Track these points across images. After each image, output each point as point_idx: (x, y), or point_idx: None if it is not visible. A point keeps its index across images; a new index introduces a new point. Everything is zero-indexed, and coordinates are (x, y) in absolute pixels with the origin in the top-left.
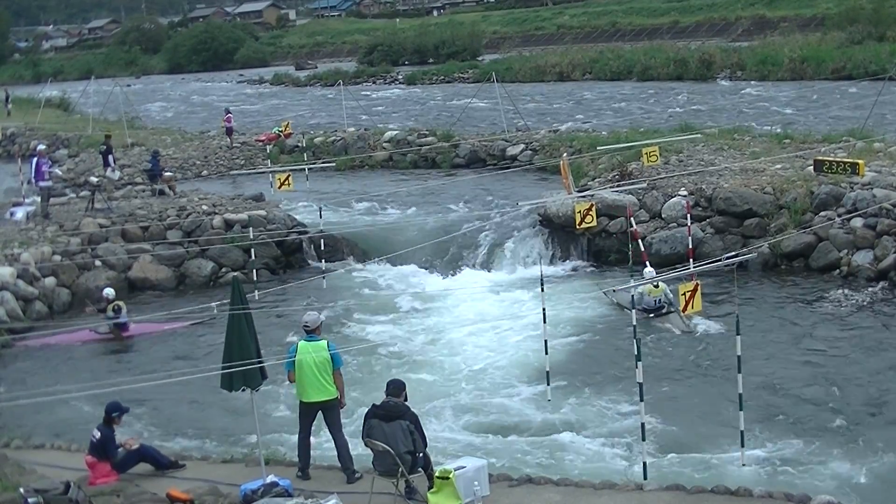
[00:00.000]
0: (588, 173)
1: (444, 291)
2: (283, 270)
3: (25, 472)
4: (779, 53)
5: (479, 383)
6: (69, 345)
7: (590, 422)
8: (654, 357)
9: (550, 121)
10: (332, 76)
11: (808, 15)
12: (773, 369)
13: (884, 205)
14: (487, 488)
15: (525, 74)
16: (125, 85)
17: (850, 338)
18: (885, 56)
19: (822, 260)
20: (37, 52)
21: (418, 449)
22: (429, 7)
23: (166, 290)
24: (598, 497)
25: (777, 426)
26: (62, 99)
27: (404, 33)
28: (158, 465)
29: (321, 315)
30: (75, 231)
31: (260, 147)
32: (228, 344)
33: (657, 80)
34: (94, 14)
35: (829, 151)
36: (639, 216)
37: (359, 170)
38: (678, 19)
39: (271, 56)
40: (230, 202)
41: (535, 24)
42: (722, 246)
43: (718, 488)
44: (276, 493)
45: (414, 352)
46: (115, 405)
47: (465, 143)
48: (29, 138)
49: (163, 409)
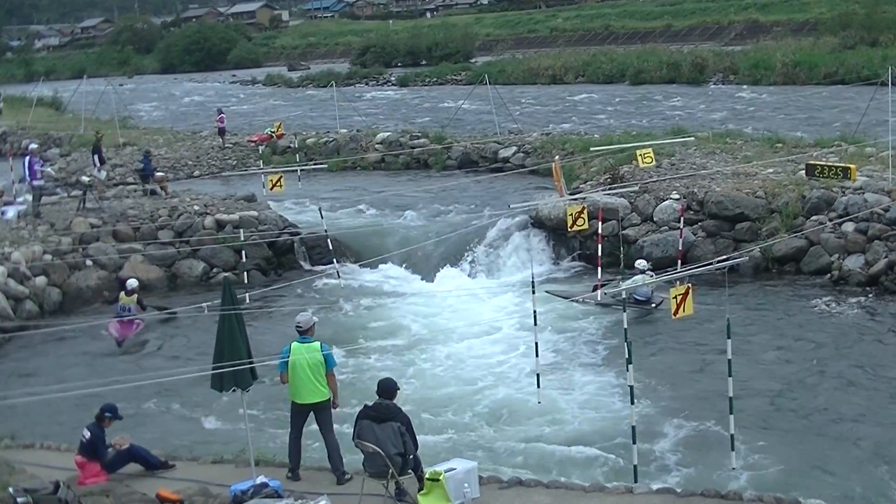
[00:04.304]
0: (580, 176)
1: (436, 293)
2: (275, 271)
3: (15, 471)
4: (771, 58)
5: (469, 385)
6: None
7: (580, 424)
8: (645, 360)
9: (543, 123)
10: (325, 77)
11: (801, 19)
12: (764, 373)
13: (875, 209)
14: (477, 490)
15: (518, 77)
16: (118, 84)
17: (841, 342)
18: (877, 61)
19: (813, 264)
20: (29, 51)
21: (409, 451)
22: (422, 9)
23: (157, 290)
24: (588, 500)
25: (767, 430)
26: (54, 98)
27: (397, 35)
28: (148, 465)
29: (314, 316)
30: (66, 231)
31: (252, 148)
32: (219, 345)
33: (650, 83)
34: (87, 13)
35: (821, 156)
36: (630, 219)
37: (351, 171)
38: (671, 23)
39: (264, 57)
40: (222, 203)
41: (529, 27)
42: (713, 249)
43: (709, 492)
44: (266, 493)
45: (405, 353)
46: (110, 407)
47: (457, 145)
48: (21, 137)
49: (153, 410)
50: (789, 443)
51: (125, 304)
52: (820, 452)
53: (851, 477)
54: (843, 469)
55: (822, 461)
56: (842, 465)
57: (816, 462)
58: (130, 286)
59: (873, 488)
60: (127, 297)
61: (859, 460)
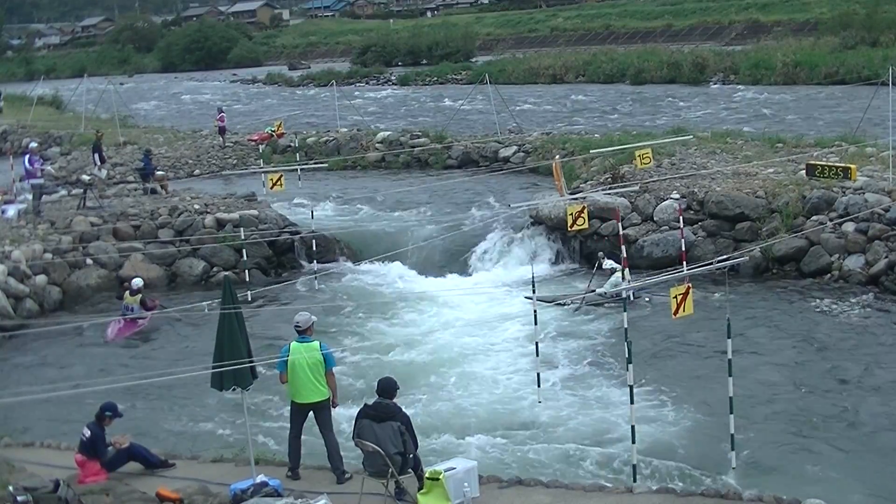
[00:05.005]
0: (580, 175)
1: (436, 292)
2: (275, 270)
3: (15, 470)
4: (772, 58)
5: (469, 384)
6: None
7: (580, 424)
8: (645, 360)
9: (543, 123)
10: (326, 76)
11: (802, 19)
12: (764, 373)
13: (875, 209)
14: (477, 490)
15: (518, 76)
16: (118, 83)
17: (842, 342)
18: (877, 61)
19: (813, 264)
20: (30, 49)
21: (409, 450)
22: (422, 8)
23: (157, 289)
24: (587, 500)
25: (768, 430)
26: (54, 97)
27: (398, 34)
28: (148, 463)
29: (312, 315)
30: (67, 229)
31: (252, 147)
32: (219, 344)
33: (650, 83)
34: (88, 12)
35: (822, 156)
36: (631, 219)
37: (351, 170)
38: (672, 23)
39: (264, 56)
40: (222, 202)
41: (529, 27)
42: (714, 249)
43: (708, 491)
44: (266, 492)
45: (405, 352)
46: (110, 405)
47: (457, 144)
48: (21, 136)
49: (153, 409)
50: (789, 442)
51: (129, 303)
52: (820, 452)
53: (852, 476)
54: (844, 469)
55: (823, 461)
56: (842, 464)
57: (816, 462)
58: (135, 286)
59: (873, 488)
60: (131, 296)
61: (859, 460)
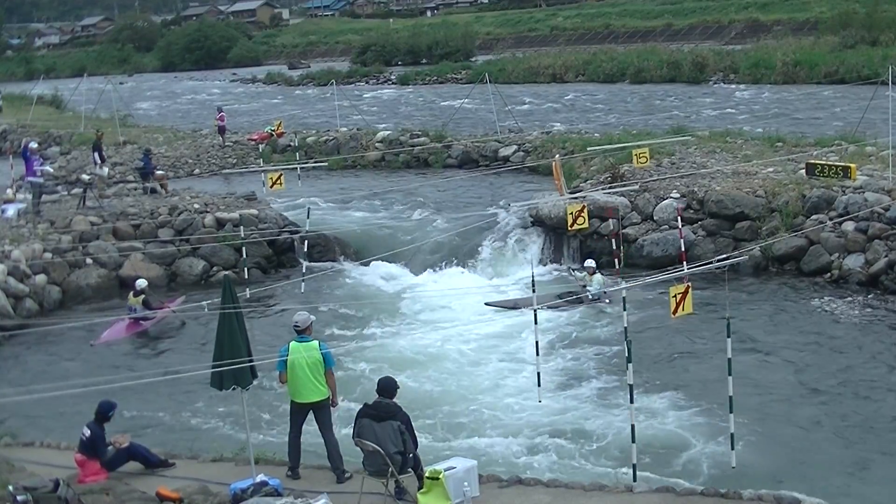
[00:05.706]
0: (580, 175)
1: (436, 292)
2: (275, 270)
3: (15, 469)
4: (772, 57)
5: (469, 384)
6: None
7: (580, 423)
8: (644, 359)
9: (543, 122)
10: (325, 76)
11: (802, 19)
12: (764, 372)
13: (875, 208)
14: (477, 489)
15: (518, 76)
16: (118, 83)
17: (841, 342)
18: (877, 60)
19: (813, 263)
20: (29, 49)
21: (409, 449)
22: (422, 7)
23: (157, 288)
24: (587, 499)
25: (767, 429)
26: (54, 96)
27: (398, 34)
28: (148, 463)
29: (311, 315)
30: (66, 229)
31: (252, 146)
32: (219, 343)
33: (650, 82)
34: (88, 12)
35: (821, 155)
36: (630, 218)
37: (351, 170)
38: (671, 22)
39: (264, 55)
40: (222, 201)
41: (529, 26)
42: (713, 249)
43: (708, 490)
44: (266, 492)
45: (404, 352)
46: (109, 405)
47: (457, 143)
48: (21, 135)
49: (153, 408)
50: (789, 442)
51: (132, 304)
52: (820, 451)
53: (852, 476)
54: (844, 468)
55: (823, 461)
56: (842, 463)
57: (817, 461)
58: (139, 286)
59: (873, 487)
60: (134, 297)
61: (860, 459)
